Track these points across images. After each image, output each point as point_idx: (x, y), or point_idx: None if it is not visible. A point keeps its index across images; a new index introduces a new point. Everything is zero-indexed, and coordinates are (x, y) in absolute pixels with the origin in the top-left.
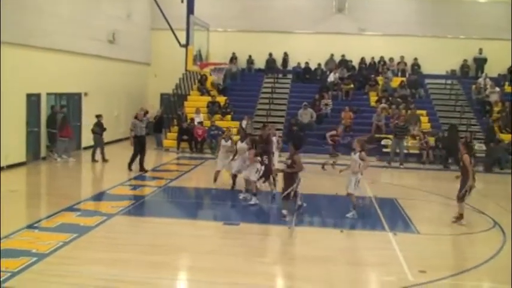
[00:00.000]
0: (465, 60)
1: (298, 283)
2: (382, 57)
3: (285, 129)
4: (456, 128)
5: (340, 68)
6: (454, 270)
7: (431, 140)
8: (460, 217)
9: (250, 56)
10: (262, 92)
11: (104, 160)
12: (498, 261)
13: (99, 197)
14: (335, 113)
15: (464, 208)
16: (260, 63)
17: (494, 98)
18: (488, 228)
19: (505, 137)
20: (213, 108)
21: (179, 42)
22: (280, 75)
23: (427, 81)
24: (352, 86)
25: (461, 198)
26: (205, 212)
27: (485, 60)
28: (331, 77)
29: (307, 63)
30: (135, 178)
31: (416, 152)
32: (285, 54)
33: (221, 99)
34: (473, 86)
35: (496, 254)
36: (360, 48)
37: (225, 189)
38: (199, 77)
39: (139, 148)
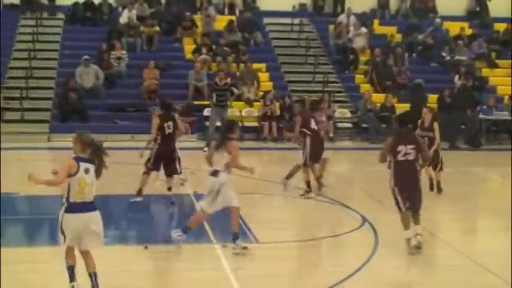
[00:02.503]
0: None
1: None
2: None
3: (57, 99)
4: (422, 87)
5: (138, 3)
6: None
7: (276, 107)
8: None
9: None
10: (18, 40)
11: None
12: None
13: None
14: (133, 71)
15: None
16: None
17: (360, 43)
18: (355, 227)
19: (377, 98)
20: None
21: None
22: (46, 15)
23: (266, 20)
24: (157, 28)
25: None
26: None
27: None
28: (125, 16)
29: None
30: None
31: (255, 124)
32: None
33: None
34: (331, 27)
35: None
36: None
37: None
38: None
39: None
